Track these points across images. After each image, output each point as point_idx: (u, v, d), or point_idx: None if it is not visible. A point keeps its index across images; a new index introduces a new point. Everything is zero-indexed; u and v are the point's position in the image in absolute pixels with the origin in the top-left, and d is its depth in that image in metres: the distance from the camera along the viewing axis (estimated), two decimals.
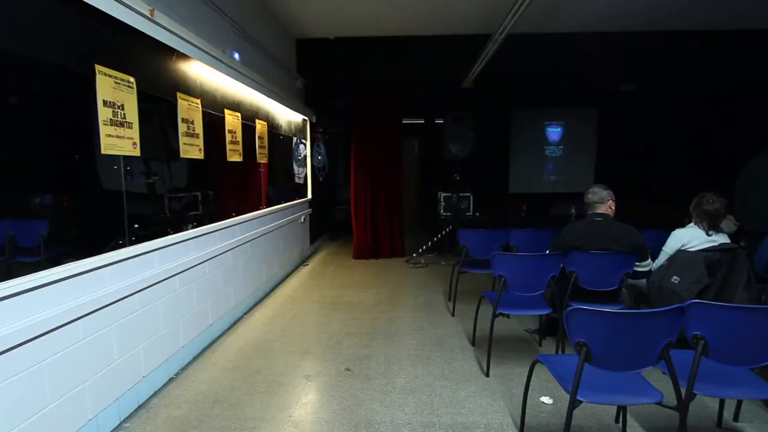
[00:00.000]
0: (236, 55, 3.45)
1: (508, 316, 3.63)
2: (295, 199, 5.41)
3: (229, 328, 3.52)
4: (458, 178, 5.55)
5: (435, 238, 5.86)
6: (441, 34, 4.94)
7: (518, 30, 4.67)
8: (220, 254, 3.33)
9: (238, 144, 3.67)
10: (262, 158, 4.23)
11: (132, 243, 2.30)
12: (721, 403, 2.28)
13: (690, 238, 2.70)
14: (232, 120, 3.52)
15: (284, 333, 3.45)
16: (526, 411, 2.21)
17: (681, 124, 7.13)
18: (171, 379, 2.69)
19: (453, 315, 3.82)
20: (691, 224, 2.74)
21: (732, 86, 6.21)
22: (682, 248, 2.66)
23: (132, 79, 2.26)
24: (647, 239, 3.18)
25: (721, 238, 2.65)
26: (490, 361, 2.80)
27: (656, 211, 5.57)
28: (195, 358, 2.98)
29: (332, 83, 5.85)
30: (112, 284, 2.13)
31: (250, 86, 3.72)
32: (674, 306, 1.64)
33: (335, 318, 3.77)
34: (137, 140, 2.32)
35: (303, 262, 5.74)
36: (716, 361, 1.77)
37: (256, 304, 4.11)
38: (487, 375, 2.75)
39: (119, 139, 2.18)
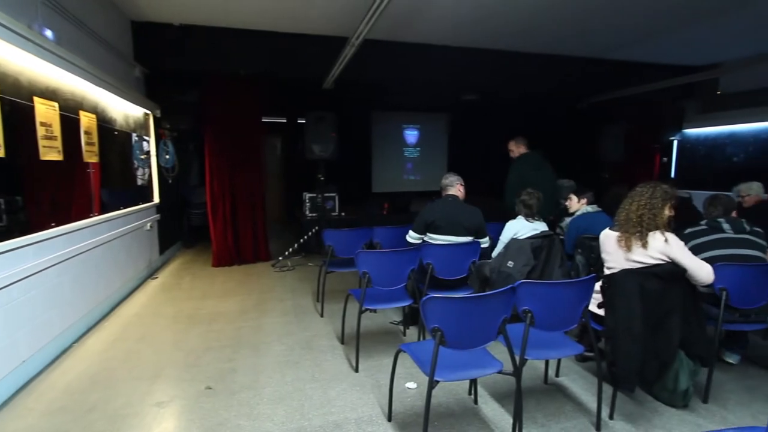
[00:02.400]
0: (48, 33, 2.85)
1: (374, 311, 3.79)
2: (139, 204, 4.75)
3: (53, 362, 2.91)
4: (322, 178, 5.56)
5: (301, 240, 5.77)
6: (302, 32, 4.87)
7: (375, 36, 4.90)
8: (37, 273, 2.73)
9: (56, 139, 3.04)
10: (90, 157, 3.60)
11: None
12: (546, 363, 2.74)
13: (519, 228, 3.19)
14: (45, 111, 2.91)
15: (129, 357, 3.00)
16: (393, 398, 2.33)
17: (514, 129, 8.34)
18: None
19: (322, 316, 3.82)
20: (520, 216, 3.24)
21: (549, 99, 7.51)
22: (514, 237, 3.13)
23: None
24: (490, 231, 3.65)
25: (542, 227, 3.19)
26: (358, 356, 2.87)
27: (497, 205, 6.42)
28: (1, 407, 2.38)
29: (180, 75, 5.29)
30: None
31: (69, 71, 3.11)
32: (508, 287, 1.91)
33: (193, 333, 3.42)
34: None
35: (151, 274, 5.08)
36: (540, 329, 2.12)
37: (91, 328, 3.48)
38: (357, 370, 2.82)
39: None
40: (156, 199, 5.40)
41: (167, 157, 5.49)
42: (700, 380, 2.46)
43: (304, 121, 5.38)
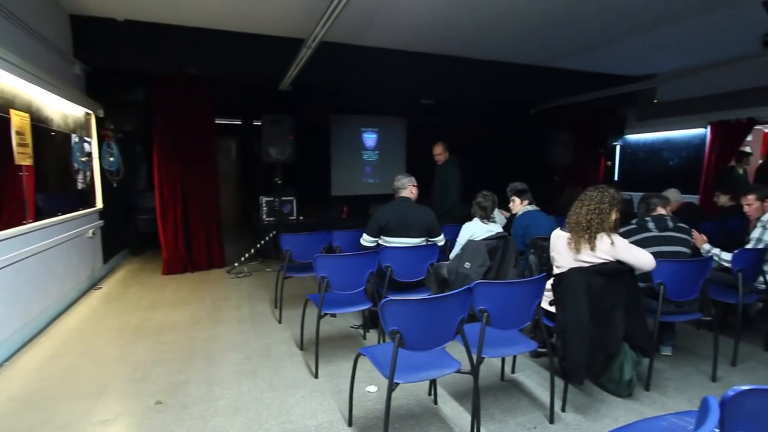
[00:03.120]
0: None
1: (334, 315, 3.75)
2: (79, 210, 4.44)
3: None
4: (280, 181, 5.44)
5: (258, 245, 5.62)
6: (256, 32, 4.76)
7: (332, 39, 4.88)
8: None
9: None
10: (23, 159, 3.33)
11: None
12: (503, 360, 2.82)
13: (475, 229, 3.26)
14: None
15: (69, 375, 2.79)
16: (354, 403, 2.31)
17: (471, 133, 8.57)
18: None
19: (280, 322, 3.73)
20: (476, 218, 3.32)
21: (504, 104, 7.77)
22: (471, 238, 3.20)
23: None
24: (447, 233, 3.71)
25: (496, 228, 3.28)
26: (318, 362, 2.82)
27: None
28: None
29: (126, 73, 5.01)
30: None
31: None
32: (464, 287, 1.95)
33: (141, 345, 3.24)
34: None
35: (95, 284, 4.77)
36: (496, 328, 2.18)
37: (23, 345, 3.21)
38: (316, 376, 2.77)
39: None
40: (99, 204, 5.07)
41: (111, 159, 5.18)
42: (641, 370, 2.62)
43: (260, 124, 5.25)
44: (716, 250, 3.18)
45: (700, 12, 4.15)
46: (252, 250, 5.56)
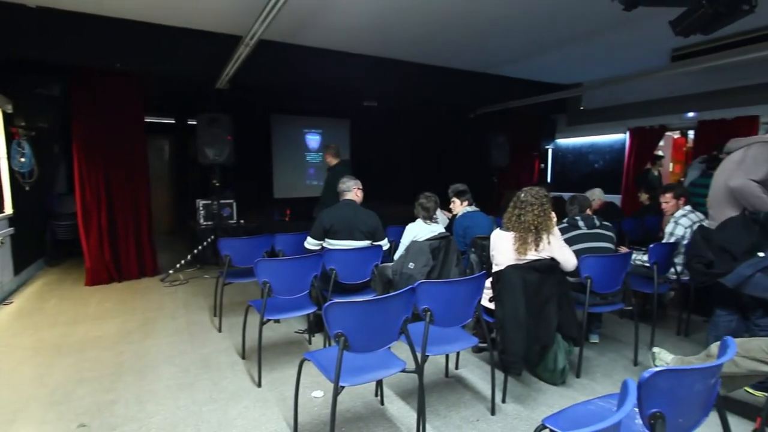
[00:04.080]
0: None
1: (278, 321, 3.64)
2: None
3: None
4: (218, 184, 5.20)
5: (195, 251, 5.33)
6: (190, 27, 4.51)
7: (273, 38, 4.75)
8: None
9: None
10: None
11: None
12: (446, 357, 2.89)
13: (418, 230, 3.31)
14: None
15: None
16: (299, 410, 2.25)
17: (414, 135, 8.73)
18: None
19: (220, 331, 3.56)
20: (419, 219, 3.37)
21: (445, 108, 7.98)
22: (414, 239, 3.24)
23: None
24: (391, 234, 3.74)
25: (439, 229, 3.36)
26: (261, 370, 2.73)
27: (399, 210, 6.62)
28: None
29: (40, 65, 4.53)
30: None
31: None
32: (408, 287, 1.97)
33: (61, 364, 2.94)
34: None
35: (4, 299, 4.27)
36: (439, 326, 2.22)
37: None
38: (260, 385, 2.68)
39: None
40: (8, 209, 4.55)
41: (23, 160, 4.67)
42: (573, 358, 2.80)
43: (195, 123, 4.98)
44: (638, 256, 3.46)
45: (617, 28, 4.53)
46: (188, 257, 5.26)
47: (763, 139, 2.43)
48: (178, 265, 5.19)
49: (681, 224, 3.50)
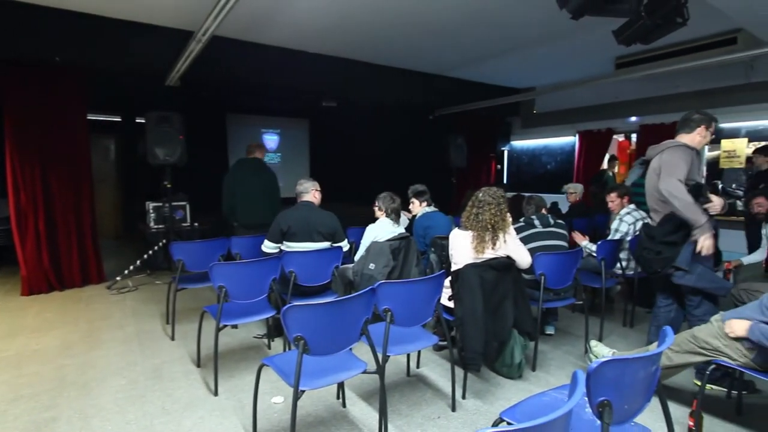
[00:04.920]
0: None
1: (235, 326, 3.53)
2: None
3: None
4: (169, 185, 4.96)
5: (145, 255, 5.06)
6: (136, 20, 4.28)
7: (228, 34, 4.61)
8: None
9: None
10: None
11: None
12: (408, 357, 2.91)
13: (379, 231, 3.32)
14: None
15: None
16: (258, 417, 2.20)
17: (374, 136, 8.73)
18: None
19: (173, 339, 3.40)
20: (380, 220, 3.38)
21: (405, 109, 8.04)
22: (375, 240, 3.24)
23: None
24: (351, 235, 3.72)
25: (399, 229, 3.38)
26: (217, 378, 2.63)
27: (360, 211, 6.60)
28: None
29: None
30: None
31: None
32: (368, 288, 1.96)
33: None
34: None
35: None
36: (400, 326, 2.23)
37: None
38: (216, 394, 2.58)
39: None
40: None
41: None
42: (529, 353, 2.91)
43: (144, 121, 4.73)
44: (588, 244, 3.71)
45: (567, 35, 4.76)
46: (138, 262, 4.99)
47: (671, 144, 2.61)
48: (126, 272, 4.91)
49: (625, 221, 3.73)
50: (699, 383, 2.25)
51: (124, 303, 4.30)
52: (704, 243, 2.45)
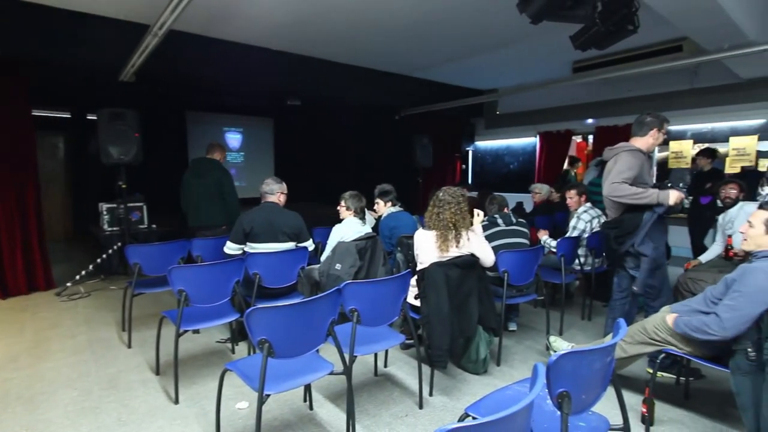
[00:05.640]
0: None
1: (197, 331, 3.41)
2: None
3: None
4: (124, 185, 4.73)
5: (99, 260, 4.81)
6: (86, 11, 4.06)
7: (188, 29, 4.45)
8: None
9: None
10: None
11: None
12: (375, 356, 2.91)
13: (346, 230, 3.29)
14: None
15: None
16: (223, 423, 2.14)
17: (340, 135, 8.68)
18: None
19: (130, 346, 3.25)
20: (347, 219, 3.35)
21: (371, 108, 8.03)
22: (341, 240, 3.22)
23: None
24: (317, 236, 3.67)
25: (365, 229, 3.37)
26: (178, 385, 2.53)
27: (325, 211, 6.55)
28: None
29: None
30: None
31: None
32: (333, 289, 1.95)
33: None
34: None
35: None
36: (367, 325, 2.23)
37: None
38: (177, 402, 2.49)
39: None
40: None
41: None
42: (493, 348, 2.97)
43: (95, 118, 4.49)
44: (549, 240, 3.85)
45: (527, 39, 4.91)
46: (90, 267, 4.73)
47: (626, 147, 2.76)
48: (77, 277, 4.64)
49: (582, 219, 3.89)
50: (651, 371, 2.37)
51: (76, 310, 4.06)
52: (676, 198, 2.60)
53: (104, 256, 4.85)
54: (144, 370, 2.89)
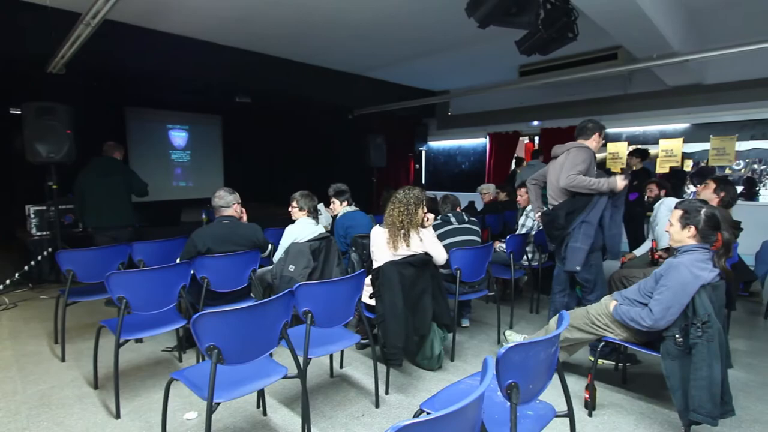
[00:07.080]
0: None
1: (140, 340, 3.22)
2: None
3: None
4: (55, 186, 4.36)
5: (26, 267, 4.41)
6: None
7: (124, 19, 4.18)
8: None
9: None
10: None
11: None
12: (331, 357, 2.88)
13: (300, 231, 3.23)
14: None
15: None
16: None
17: (293, 134, 8.51)
18: None
19: (63, 360, 3.00)
20: (300, 220, 3.29)
21: (324, 107, 7.94)
22: (294, 241, 3.16)
23: None
24: (269, 237, 3.57)
25: (319, 229, 3.32)
26: (119, 398, 2.37)
27: (277, 211, 6.40)
28: None
29: None
30: None
31: None
32: (285, 291, 1.90)
33: None
34: None
35: None
36: (321, 327, 2.20)
37: None
38: (118, 416, 2.33)
39: None
40: None
41: None
42: (447, 344, 3.04)
43: (20, 113, 4.10)
44: (502, 246, 3.95)
45: (476, 43, 5.06)
46: (17, 275, 4.33)
47: (577, 145, 2.99)
48: (1, 286, 4.23)
49: (530, 216, 4.06)
50: (592, 359, 2.52)
51: (0, 323, 3.70)
52: (622, 183, 2.85)
53: (32, 263, 4.45)
54: (80, 385, 2.68)
